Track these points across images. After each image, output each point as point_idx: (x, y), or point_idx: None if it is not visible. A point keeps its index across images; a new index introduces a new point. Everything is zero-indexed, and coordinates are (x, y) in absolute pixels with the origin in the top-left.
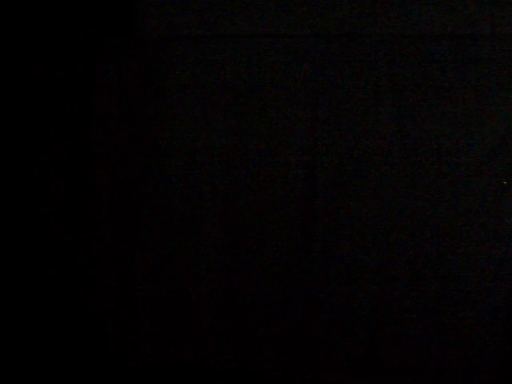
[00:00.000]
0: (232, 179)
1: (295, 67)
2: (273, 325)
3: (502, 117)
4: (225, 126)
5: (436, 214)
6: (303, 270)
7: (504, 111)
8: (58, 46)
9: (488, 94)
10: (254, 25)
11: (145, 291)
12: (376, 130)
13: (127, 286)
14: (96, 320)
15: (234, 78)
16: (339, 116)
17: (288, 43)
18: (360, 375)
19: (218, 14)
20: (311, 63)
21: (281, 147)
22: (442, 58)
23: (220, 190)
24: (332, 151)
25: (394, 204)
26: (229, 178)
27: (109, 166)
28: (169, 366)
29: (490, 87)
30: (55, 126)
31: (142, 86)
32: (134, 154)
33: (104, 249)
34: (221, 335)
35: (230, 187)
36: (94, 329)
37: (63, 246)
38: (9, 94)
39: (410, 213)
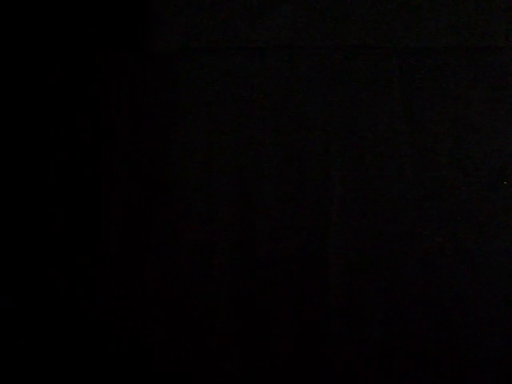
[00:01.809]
0: (245, 183)
1: (309, 78)
2: (282, 324)
3: None
4: (238, 138)
5: (451, 223)
6: (315, 269)
7: None
8: (60, 48)
9: (503, 106)
10: (268, 37)
11: (147, 290)
12: (389, 139)
13: (128, 285)
14: (96, 320)
15: (248, 91)
16: (353, 125)
17: (302, 55)
18: (364, 377)
19: (232, 27)
20: (324, 74)
21: (295, 156)
22: (456, 69)
23: (233, 191)
24: (346, 160)
25: (408, 217)
26: (242, 181)
27: (112, 166)
28: (171, 365)
29: (504, 99)
30: (55, 126)
31: (152, 97)
32: (138, 154)
33: (105, 248)
34: (226, 335)
35: (244, 190)
36: (94, 329)
37: (63, 246)
38: (9, 94)
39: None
